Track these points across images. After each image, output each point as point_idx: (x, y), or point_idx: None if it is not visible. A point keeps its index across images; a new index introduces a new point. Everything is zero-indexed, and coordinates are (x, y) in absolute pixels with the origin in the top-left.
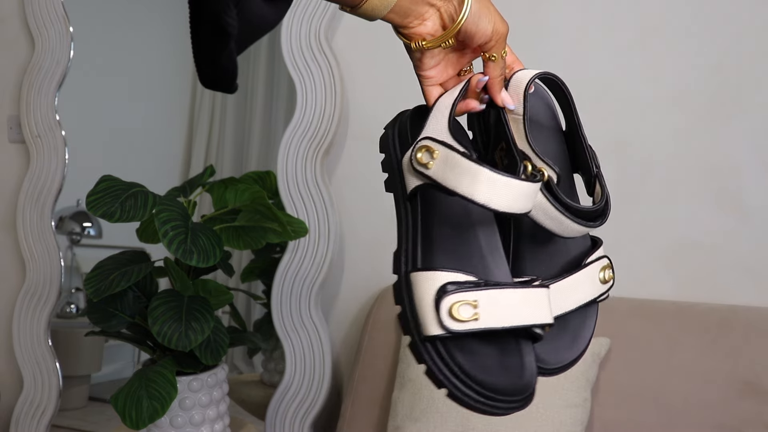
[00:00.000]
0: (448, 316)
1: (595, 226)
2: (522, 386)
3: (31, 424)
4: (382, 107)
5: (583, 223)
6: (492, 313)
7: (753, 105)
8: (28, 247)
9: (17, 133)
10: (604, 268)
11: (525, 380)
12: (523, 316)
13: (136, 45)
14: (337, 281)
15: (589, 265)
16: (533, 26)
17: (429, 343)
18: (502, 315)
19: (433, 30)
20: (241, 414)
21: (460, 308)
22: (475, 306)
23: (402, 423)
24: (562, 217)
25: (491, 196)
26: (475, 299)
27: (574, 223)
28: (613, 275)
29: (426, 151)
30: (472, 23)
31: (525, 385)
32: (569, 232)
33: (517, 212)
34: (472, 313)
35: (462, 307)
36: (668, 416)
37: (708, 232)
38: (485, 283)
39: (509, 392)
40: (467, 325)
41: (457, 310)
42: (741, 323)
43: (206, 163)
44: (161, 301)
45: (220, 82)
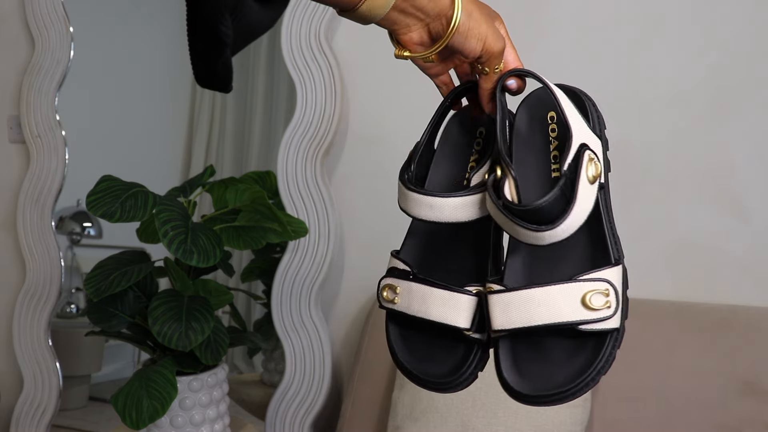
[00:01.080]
0: (380, 293)
1: (539, 230)
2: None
3: (31, 424)
4: (382, 107)
5: (521, 223)
6: (406, 300)
7: (753, 105)
8: (29, 247)
9: (17, 133)
10: (593, 292)
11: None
12: (430, 311)
13: (136, 45)
14: (337, 281)
15: (569, 283)
16: (533, 26)
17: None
18: (413, 305)
19: (419, 40)
20: (241, 414)
21: (386, 290)
22: (395, 291)
23: (402, 423)
24: (504, 217)
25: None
26: (398, 286)
27: (516, 225)
28: (608, 304)
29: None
30: (458, 42)
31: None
32: (521, 235)
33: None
34: (392, 297)
35: (387, 289)
36: (668, 416)
37: (708, 232)
38: (413, 276)
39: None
40: (387, 304)
41: (385, 290)
42: (740, 323)
43: (206, 163)
44: (161, 301)
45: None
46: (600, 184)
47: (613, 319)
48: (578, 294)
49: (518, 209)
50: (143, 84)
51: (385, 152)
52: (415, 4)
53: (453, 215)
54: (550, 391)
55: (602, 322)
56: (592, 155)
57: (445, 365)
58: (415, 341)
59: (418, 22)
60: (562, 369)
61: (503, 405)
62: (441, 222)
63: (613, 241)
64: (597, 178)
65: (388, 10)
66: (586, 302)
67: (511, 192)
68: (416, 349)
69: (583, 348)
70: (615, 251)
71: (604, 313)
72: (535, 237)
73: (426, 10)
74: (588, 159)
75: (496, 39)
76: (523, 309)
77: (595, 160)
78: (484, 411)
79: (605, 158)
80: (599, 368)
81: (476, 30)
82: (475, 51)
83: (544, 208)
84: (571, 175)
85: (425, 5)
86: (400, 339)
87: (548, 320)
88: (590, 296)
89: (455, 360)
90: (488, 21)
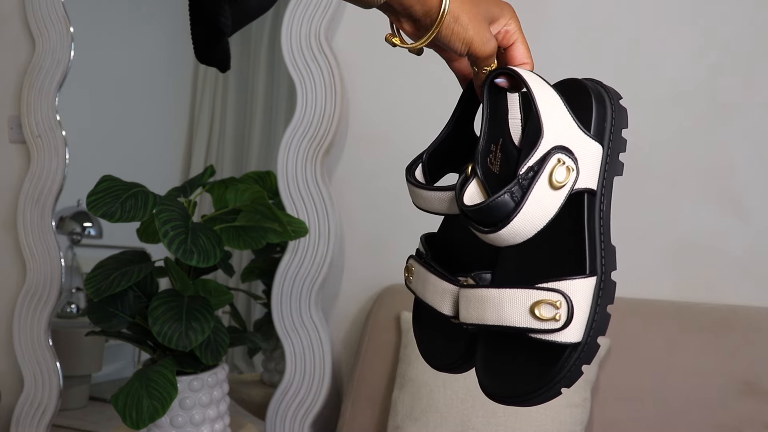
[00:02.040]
0: (405, 269)
1: (482, 232)
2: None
3: (31, 423)
4: (382, 107)
5: (470, 224)
6: (415, 282)
7: (753, 105)
8: (29, 247)
9: (18, 133)
10: (541, 303)
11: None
12: (427, 296)
13: (136, 45)
14: (337, 281)
15: (522, 288)
16: (533, 26)
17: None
18: (418, 288)
19: (412, 31)
20: (241, 414)
21: (407, 269)
22: (410, 272)
23: (402, 423)
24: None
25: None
26: (412, 266)
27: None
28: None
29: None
30: (444, 41)
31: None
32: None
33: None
34: (408, 275)
35: (408, 269)
36: (668, 416)
37: (708, 232)
38: (424, 260)
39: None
40: (407, 282)
41: (406, 270)
42: (741, 323)
43: (206, 163)
44: (161, 301)
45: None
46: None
47: (565, 332)
48: (527, 301)
49: (466, 209)
50: (143, 84)
51: (385, 152)
52: (402, 2)
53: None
54: (509, 393)
55: (550, 333)
56: (565, 159)
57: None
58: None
59: (408, 19)
60: (522, 373)
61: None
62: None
63: (596, 251)
64: (564, 185)
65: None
66: (533, 311)
67: (479, 191)
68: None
69: (540, 356)
70: (593, 262)
71: (550, 324)
72: (486, 238)
73: (411, 11)
74: (555, 163)
75: (484, 43)
76: (479, 307)
77: (568, 165)
78: (484, 411)
79: (609, 161)
80: (558, 380)
81: (462, 35)
82: (460, 52)
83: (492, 209)
84: (529, 178)
85: (413, 4)
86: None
87: (496, 321)
88: (539, 306)
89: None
90: (478, 25)
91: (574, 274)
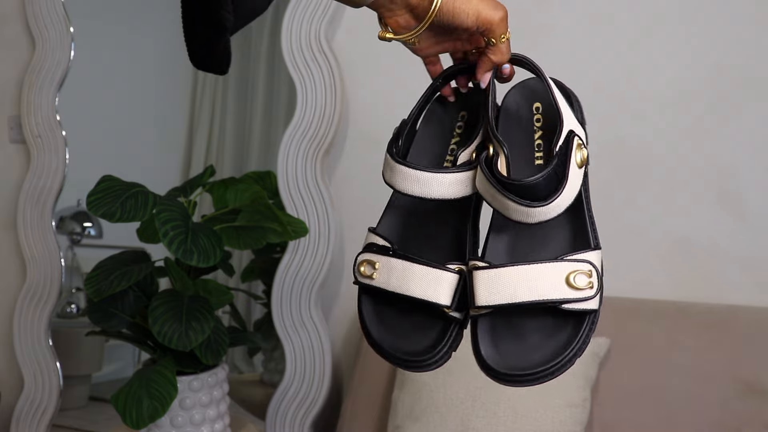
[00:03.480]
0: (357, 268)
1: (532, 206)
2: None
3: (31, 423)
4: (382, 107)
5: (515, 199)
6: (385, 276)
7: (753, 105)
8: (29, 247)
9: (18, 133)
10: (577, 272)
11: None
12: (410, 288)
13: (136, 45)
14: (337, 281)
15: (553, 261)
16: (533, 26)
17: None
18: (393, 281)
19: (405, 23)
20: (241, 414)
21: (364, 265)
22: (374, 267)
23: (402, 423)
24: (497, 193)
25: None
26: (377, 261)
27: (509, 201)
28: (591, 285)
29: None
30: (447, 20)
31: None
32: (510, 212)
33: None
34: (371, 272)
35: (365, 265)
36: (668, 416)
37: (707, 231)
38: (393, 252)
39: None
40: (365, 280)
41: (363, 266)
42: (741, 323)
43: (206, 163)
44: (161, 301)
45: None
46: (585, 170)
47: (594, 300)
48: (563, 272)
49: (513, 184)
50: (143, 84)
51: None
52: None
53: (439, 191)
54: (524, 371)
55: (584, 302)
56: (580, 142)
57: (420, 343)
58: (391, 318)
59: (402, 8)
60: (538, 349)
61: (503, 405)
62: (426, 198)
63: (593, 227)
64: (584, 164)
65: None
66: (569, 281)
67: (502, 169)
68: (391, 326)
69: (561, 328)
70: (595, 237)
71: (587, 293)
72: (526, 213)
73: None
74: (577, 144)
75: (493, 8)
76: (508, 286)
77: (583, 147)
78: (484, 411)
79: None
80: (576, 350)
81: (464, 6)
82: (467, 24)
83: (537, 185)
84: (561, 157)
85: None
86: (375, 315)
87: (532, 297)
88: (574, 276)
89: (431, 338)
90: None
91: (584, 248)
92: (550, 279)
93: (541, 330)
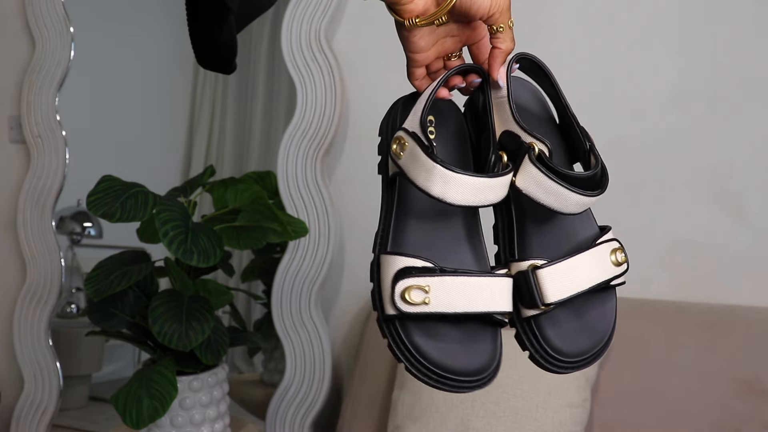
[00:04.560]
0: (401, 298)
1: (594, 195)
2: (474, 369)
3: (31, 423)
4: (382, 107)
5: (582, 192)
6: (443, 298)
7: (753, 105)
8: (29, 247)
9: (18, 133)
10: (616, 250)
11: (478, 364)
12: (475, 303)
13: (136, 45)
14: (337, 281)
15: (598, 246)
16: (533, 26)
17: (389, 322)
18: (453, 301)
19: (424, 8)
20: (241, 414)
21: (412, 292)
22: (426, 291)
23: (402, 423)
24: (559, 188)
25: (444, 190)
26: (427, 284)
27: (573, 194)
28: (626, 258)
29: (398, 142)
30: (466, 2)
31: (478, 368)
32: (570, 206)
33: (477, 205)
34: (423, 298)
35: (414, 291)
36: (668, 416)
37: (707, 232)
38: (441, 270)
39: (461, 373)
40: (418, 308)
41: (409, 293)
42: (741, 323)
43: (206, 163)
44: (161, 301)
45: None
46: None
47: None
48: (608, 253)
49: (579, 177)
50: (143, 84)
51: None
52: None
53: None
54: (593, 350)
55: (624, 275)
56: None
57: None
58: (447, 340)
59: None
60: (598, 326)
61: (503, 405)
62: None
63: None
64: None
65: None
66: (614, 260)
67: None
68: (450, 349)
69: (607, 302)
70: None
71: (625, 266)
72: (583, 204)
73: None
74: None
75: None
76: (571, 277)
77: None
78: (484, 411)
79: None
80: (615, 318)
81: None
82: (485, 5)
83: (595, 175)
84: (592, 148)
85: None
86: (431, 341)
87: (593, 282)
88: (615, 254)
89: (490, 348)
90: None
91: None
92: (601, 262)
93: (593, 309)
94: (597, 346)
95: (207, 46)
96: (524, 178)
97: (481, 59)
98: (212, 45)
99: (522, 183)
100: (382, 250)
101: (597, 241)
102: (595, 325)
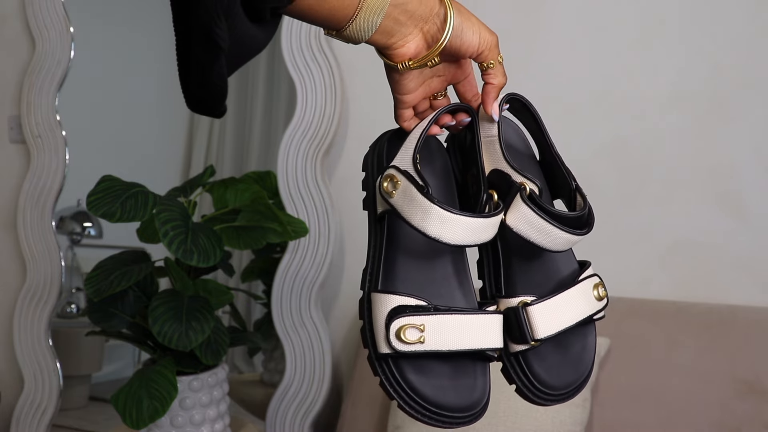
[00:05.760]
0: (395, 337)
1: (583, 233)
2: (467, 405)
3: (31, 423)
4: (382, 107)
5: (570, 231)
6: (438, 336)
7: (753, 105)
8: (29, 247)
9: (18, 134)
10: (597, 285)
11: (471, 400)
12: (469, 340)
13: (136, 45)
14: (337, 281)
15: (581, 282)
16: (533, 26)
17: (382, 360)
18: (448, 339)
19: (416, 51)
20: (241, 414)
21: (407, 331)
22: (421, 329)
23: (402, 423)
24: (549, 227)
25: (441, 231)
26: (422, 323)
27: (562, 232)
28: (606, 293)
29: (390, 180)
30: (456, 39)
31: (471, 404)
32: (558, 244)
33: (471, 244)
34: (418, 336)
35: (409, 330)
36: (668, 416)
37: (707, 232)
38: (434, 308)
39: (454, 410)
40: (413, 347)
41: (404, 332)
42: (741, 323)
43: (206, 163)
44: (161, 301)
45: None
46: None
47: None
48: (591, 289)
49: (570, 217)
50: (143, 84)
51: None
52: (406, 9)
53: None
54: (577, 382)
55: (603, 310)
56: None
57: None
58: (440, 377)
59: (414, 28)
60: (582, 358)
61: (503, 405)
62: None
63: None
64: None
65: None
66: (596, 294)
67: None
68: (443, 386)
69: (588, 335)
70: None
71: (605, 301)
72: (571, 242)
73: (418, 14)
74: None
75: (489, 30)
76: (559, 313)
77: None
78: None
79: None
80: (595, 351)
81: (468, 23)
82: (474, 43)
83: (584, 215)
84: (578, 187)
85: (416, 9)
86: (425, 379)
87: (578, 318)
88: (596, 289)
89: (480, 384)
90: (473, 16)
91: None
92: (585, 298)
93: (577, 342)
94: (581, 378)
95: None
96: (515, 216)
97: (468, 97)
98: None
99: (513, 221)
100: (373, 288)
101: (580, 277)
102: (578, 357)
